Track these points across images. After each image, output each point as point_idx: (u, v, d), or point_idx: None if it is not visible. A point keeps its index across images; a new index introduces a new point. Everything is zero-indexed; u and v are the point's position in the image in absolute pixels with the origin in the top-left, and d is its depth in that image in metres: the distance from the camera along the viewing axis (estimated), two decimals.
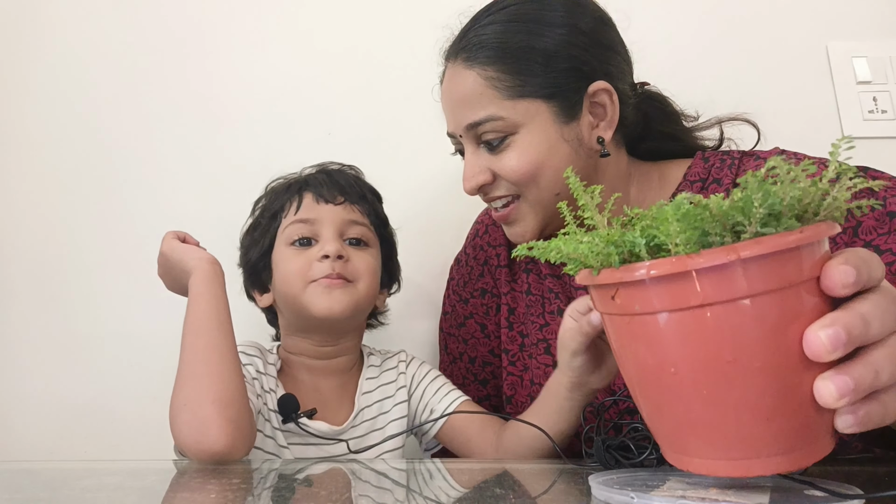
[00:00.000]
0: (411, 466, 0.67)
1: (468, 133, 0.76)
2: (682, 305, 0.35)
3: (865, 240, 0.65)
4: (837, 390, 0.33)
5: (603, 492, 0.42)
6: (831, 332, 0.33)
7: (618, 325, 0.39)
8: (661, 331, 0.36)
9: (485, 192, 0.78)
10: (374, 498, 0.51)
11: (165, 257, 0.78)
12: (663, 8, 1.24)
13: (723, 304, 0.34)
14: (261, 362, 0.80)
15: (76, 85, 1.19)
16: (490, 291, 0.94)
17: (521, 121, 0.73)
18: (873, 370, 0.34)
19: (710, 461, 0.37)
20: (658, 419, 0.40)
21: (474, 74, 0.74)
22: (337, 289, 0.80)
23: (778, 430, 0.35)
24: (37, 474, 0.66)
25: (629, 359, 0.40)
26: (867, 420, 0.35)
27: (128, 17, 1.21)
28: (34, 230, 1.14)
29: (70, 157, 1.16)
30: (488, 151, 0.75)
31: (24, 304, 1.12)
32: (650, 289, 0.36)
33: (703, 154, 0.81)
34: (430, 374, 0.90)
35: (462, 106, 0.75)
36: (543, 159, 0.73)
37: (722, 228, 0.35)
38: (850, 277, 0.34)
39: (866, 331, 0.34)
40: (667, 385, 0.37)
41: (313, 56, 1.21)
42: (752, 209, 0.34)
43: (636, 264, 0.36)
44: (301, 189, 0.87)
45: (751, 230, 0.34)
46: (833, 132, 1.19)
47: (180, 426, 0.62)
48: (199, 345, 0.67)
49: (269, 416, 0.78)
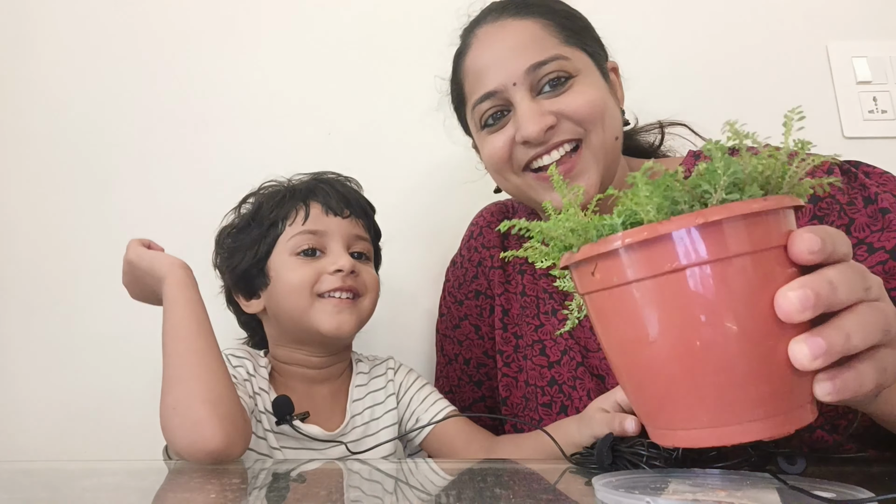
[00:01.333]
0: (410, 466, 0.67)
1: (527, 78, 0.73)
2: (655, 272, 0.36)
3: (859, 237, 0.65)
4: (811, 351, 0.35)
5: (610, 495, 0.42)
6: (800, 293, 0.35)
7: (599, 302, 0.41)
8: (638, 300, 0.38)
9: (544, 141, 0.74)
10: (373, 498, 0.51)
11: (133, 265, 0.76)
12: (664, 8, 1.24)
13: (695, 267, 0.36)
14: (251, 364, 0.80)
15: (74, 85, 1.19)
16: (484, 293, 0.94)
17: (580, 66, 0.74)
18: (844, 333, 0.35)
19: (693, 431, 0.38)
20: (641, 397, 0.41)
21: (531, 22, 0.75)
22: (346, 309, 0.81)
23: (756, 395, 0.36)
24: (37, 474, 0.66)
25: (612, 336, 0.41)
26: (844, 387, 0.36)
27: (126, 18, 1.21)
28: (32, 231, 1.14)
29: (68, 157, 1.16)
30: (549, 96, 0.74)
31: (24, 304, 1.12)
32: (625, 258, 0.37)
33: (694, 152, 0.83)
34: (417, 383, 0.90)
35: (522, 50, 0.74)
36: (606, 100, 0.75)
37: (690, 198, 0.37)
38: (815, 244, 0.36)
39: (833, 294, 0.35)
40: (647, 357, 0.38)
41: (313, 56, 1.21)
42: (717, 178, 0.37)
43: (612, 235, 0.38)
44: (307, 198, 0.85)
45: (717, 198, 0.37)
46: (833, 132, 1.20)
47: (173, 430, 0.62)
48: (181, 349, 0.67)
49: (260, 418, 0.78)
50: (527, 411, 0.86)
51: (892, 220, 0.65)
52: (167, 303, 0.71)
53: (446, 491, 0.54)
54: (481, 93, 0.76)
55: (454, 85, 0.85)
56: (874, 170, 0.70)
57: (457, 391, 0.98)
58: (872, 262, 0.64)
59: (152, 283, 0.74)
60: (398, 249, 0.97)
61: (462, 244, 1.00)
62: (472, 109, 0.79)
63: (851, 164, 0.71)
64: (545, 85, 0.74)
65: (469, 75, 0.79)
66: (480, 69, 0.77)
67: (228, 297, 0.90)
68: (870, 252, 0.64)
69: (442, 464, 0.71)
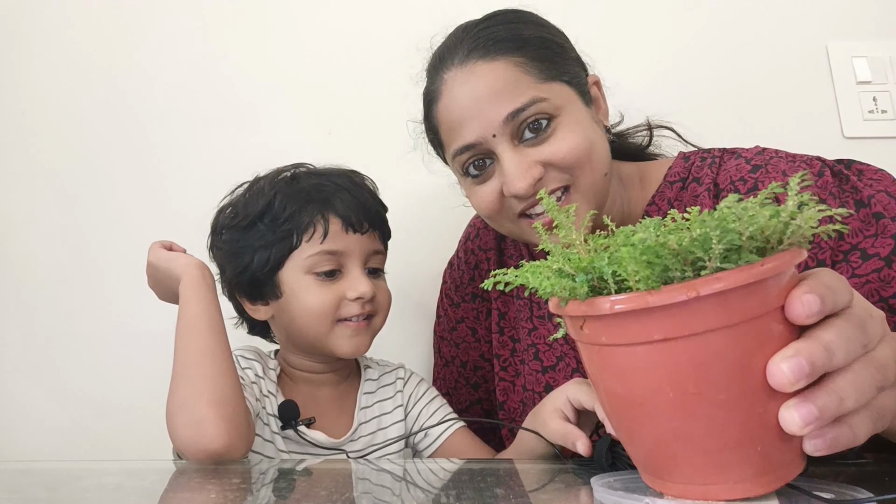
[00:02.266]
0: (411, 466, 0.67)
1: (506, 127, 0.69)
2: (645, 339, 0.35)
3: (852, 243, 0.64)
4: (802, 419, 0.34)
5: (608, 495, 0.42)
6: (794, 364, 0.33)
7: (588, 353, 0.40)
8: (626, 363, 0.37)
9: (534, 194, 0.70)
10: (375, 498, 0.51)
11: (154, 267, 0.77)
12: (664, 8, 1.24)
13: (684, 338, 0.34)
14: (260, 367, 0.80)
15: (73, 85, 1.19)
16: (481, 296, 0.94)
17: (561, 103, 0.69)
18: (837, 398, 0.34)
19: (681, 486, 0.38)
20: (631, 444, 0.41)
21: (502, 64, 0.69)
22: (362, 331, 0.81)
23: (745, 457, 0.36)
24: (37, 474, 0.66)
25: (601, 387, 0.41)
26: (835, 444, 0.35)
27: (126, 18, 1.21)
28: (32, 231, 1.14)
29: (68, 157, 1.17)
30: (531, 144, 0.69)
31: (25, 304, 1.12)
32: (614, 322, 0.36)
33: (684, 154, 0.81)
34: (428, 395, 0.90)
35: (497, 98, 0.68)
36: (591, 136, 0.70)
37: (682, 264, 0.35)
38: (814, 307, 0.34)
39: (829, 360, 0.34)
40: (635, 414, 0.38)
41: (313, 56, 1.21)
42: (710, 245, 0.34)
43: (600, 298, 0.36)
44: (325, 210, 0.79)
45: (711, 266, 0.34)
46: (833, 132, 1.19)
47: (177, 428, 0.63)
48: (191, 347, 0.67)
49: (267, 420, 0.78)
50: (523, 416, 0.85)
51: (886, 224, 0.63)
52: (181, 301, 0.71)
53: (446, 491, 0.54)
54: (459, 145, 0.72)
55: (429, 128, 0.80)
56: (867, 168, 0.68)
57: (454, 393, 0.97)
58: (867, 269, 0.62)
59: (171, 284, 0.75)
60: (397, 250, 0.97)
61: (459, 246, 1.00)
62: (452, 159, 0.75)
63: (843, 165, 0.69)
64: (525, 130, 0.69)
65: (443, 125, 0.74)
66: (455, 121, 0.71)
67: (232, 297, 0.86)
68: (864, 259, 0.63)
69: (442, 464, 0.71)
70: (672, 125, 0.89)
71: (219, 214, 0.86)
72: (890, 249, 0.63)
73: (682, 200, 0.76)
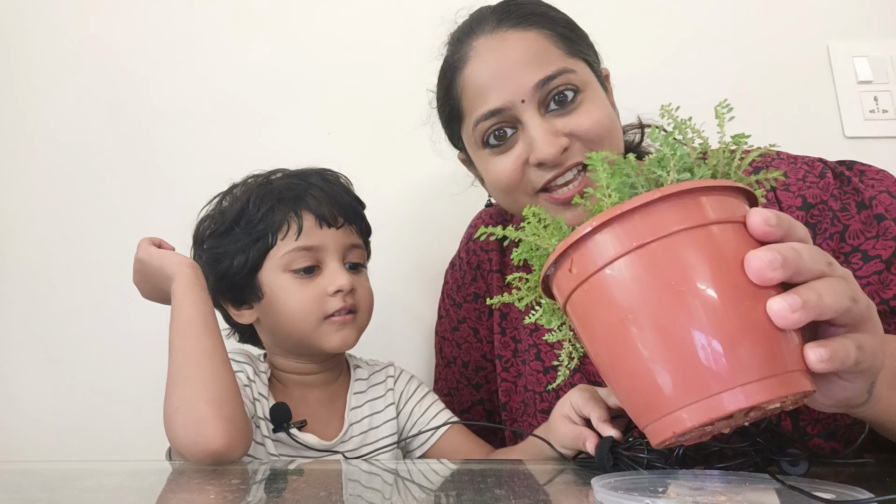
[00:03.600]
0: (411, 467, 0.67)
1: (536, 94, 0.69)
2: (625, 249, 0.38)
3: (853, 244, 0.64)
4: (788, 304, 0.36)
5: (609, 496, 0.41)
6: (769, 254, 0.36)
7: (579, 304, 0.42)
8: (614, 281, 0.39)
9: (560, 163, 0.70)
10: (374, 498, 0.51)
11: (143, 264, 0.76)
12: (665, 7, 1.24)
13: (661, 239, 0.38)
14: (251, 369, 0.80)
15: (73, 86, 1.19)
16: (483, 296, 0.94)
17: (586, 79, 0.72)
18: (816, 292, 0.37)
19: (687, 409, 0.37)
20: (632, 394, 0.41)
21: (534, 34, 0.71)
22: (347, 325, 0.80)
23: (744, 356, 0.36)
24: (37, 474, 0.66)
25: (596, 332, 0.41)
26: (833, 355, 0.36)
27: (125, 18, 1.21)
28: (33, 231, 1.14)
29: (70, 156, 1.17)
30: (557, 115, 0.70)
31: (24, 304, 1.12)
32: (597, 243, 0.39)
33: None
34: (419, 392, 0.89)
35: (528, 64, 0.69)
36: (611, 115, 0.73)
37: (646, 181, 0.41)
38: (771, 218, 0.38)
39: (799, 258, 0.37)
40: (630, 339, 0.38)
41: (313, 56, 1.21)
42: (668, 162, 0.41)
43: (581, 226, 0.40)
44: (297, 207, 0.80)
45: (670, 179, 0.40)
46: (834, 132, 1.19)
47: (176, 429, 0.62)
48: (187, 348, 0.67)
49: (259, 423, 0.78)
50: (525, 417, 0.85)
51: (887, 226, 0.63)
52: (175, 301, 0.71)
53: (446, 491, 0.54)
54: (485, 110, 0.71)
55: (447, 100, 0.79)
56: (869, 168, 0.68)
57: (455, 394, 0.97)
58: (868, 271, 0.62)
59: (161, 282, 0.74)
60: (396, 250, 0.97)
61: (461, 246, 1.00)
62: (474, 127, 0.74)
63: (844, 167, 0.69)
64: (552, 100, 0.70)
65: (468, 90, 0.74)
66: (482, 85, 0.71)
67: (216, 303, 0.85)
68: (865, 260, 0.63)
69: (442, 464, 0.71)
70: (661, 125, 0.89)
71: (199, 225, 0.86)
72: (891, 252, 0.62)
73: None
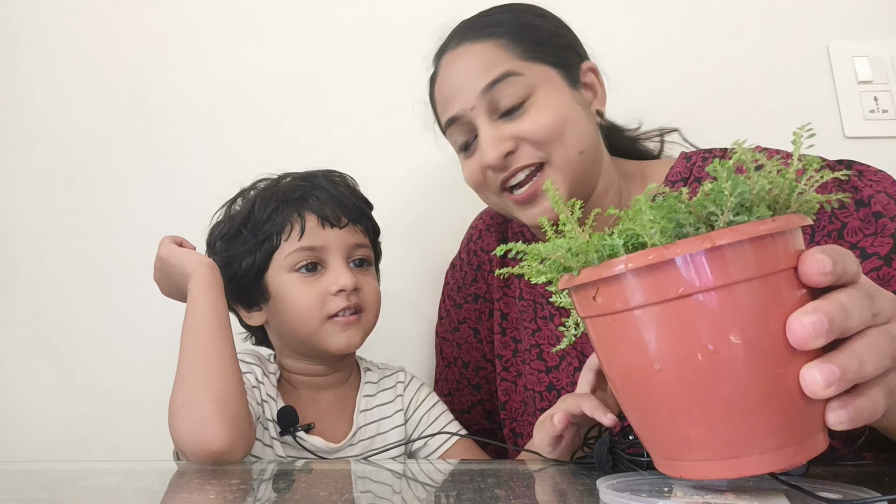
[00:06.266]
0: (411, 467, 0.67)
1: (483, 100, 0.73)
2: (661, 298, 0.35)
3: (851, 241, 0.64)
4: (823, 378, 0.33)
5: (616, 497, 0.41)
6: (814, 319, 0.33)
7: (601, 327, 0.39)
8: (642, 326, 0.36)
9: (506, 165, 0.74)
10: (374, 498, 0.51)
11: (163, 261, 0.78)
12: (664, 7, 1.24)
13: (702, 293, 0.34)
14: (260, 371, 0.80)
15: (73, 86, 1.19)
16: (483, 297, 0.94)
17: (537, 82, 0.73)
18: (857, 359, 0.34)
19: (702, 463, 0.36)
20: (647, 426, 0.40)
21: (486, 44, 0.75)
22: (352, 325, 0.80)
23: (767, 424, 0.35)
24: (37, 474, 0.66)
25: (614, 362, 0.39)
26: (857, 415, 0.35)
27: (124, 19, 1.21)
28: (33, 231, 1.14)
29: (69, 156, 1.16)
30: (507, 119, 0.73)
31: (24, 304, 1.12)
32: (629, 283, 0.36)
33: (685, 153, 0.81)
34: (428, 401, 0.89)
35: (476, 72, 0.74)
36: (566, 114, 0.73)
37: (696, 220, 0.35)
38: (826, 266, 0.34)
39: (846, 319, 0.34)
40: (652, 385, 0.37)
41: (313, 56, 1.21)
42: (723, 199, 0.35)
43: (614, 259, 0.36)
44: (301, 208, 0.81)
45: (723, 219, 0.35)
46: (834, 132, 1.19)
47: (179, 426, 0.63)
48: (197, 346, 0.67)
49: (267, 426, 0.78)
50: (525, 416, 0.85)
51: (885, 224, 0.63)
52: (190, 299, 0.71)
53: (446, 491, 0.54)
54: (446, 118, 0.78)
55: (433, 109, 0.85)
56: (867, 168, 0.69)
57: (455, 394, 0.97)
58: (866, 268, 0.63)
59: (179, 280, 0.75)
60: (396, 251, 0.97)
61: (461, 247, 1.00)
62: (445, 135, 0.82)
63: (844, 166, 0.69)
64: (501, 105, 0.73)
65: (438, 102, 0.81)
66: (445, 96, 0.78)
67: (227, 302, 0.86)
68: (863, 257, 0.63)
69: (442, 464, 0.71)
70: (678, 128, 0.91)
71: (212, 230, 0.88)
72: (889, 248, 0.63)
73: None
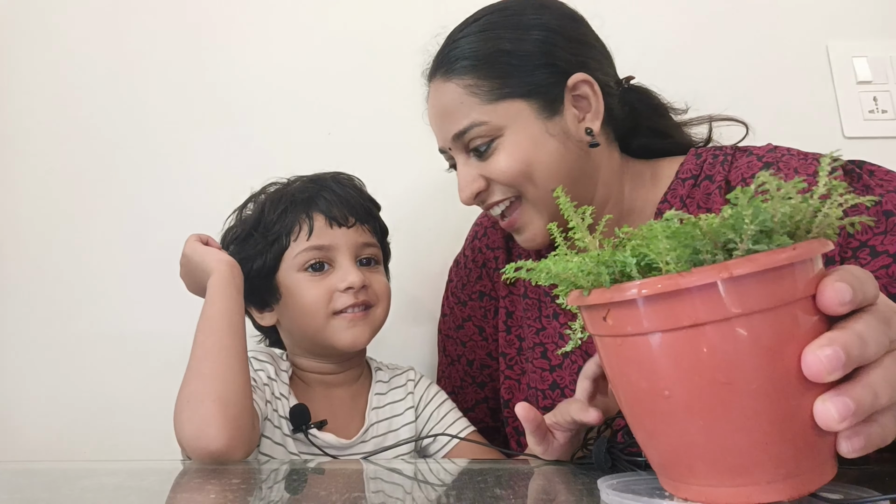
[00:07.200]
0: (412, 466, 0.67)
1: (456, 144, 0.76)
2: (674, 326, 0.34)
3: (861, 240, 0.64)
4: (838, 413, 0.33)
5: (617, 498, 0.41)
6: (830, 353, 0.32)
7: (609, 347, 0.38)
8: (653, 352, 0.35)
9: (482, 200, 0.78)
10: (375, 497, 0.51)
11: (187, 258, 0.79)
12: (664, 7, 1.24)
13: (716, 323, 0.33)
14: (272, 369, 0.81)
15: (75, 84, 1.19)
16: (488, 294, 0.94)
17: (504, 123, 0.73)
18: (872, 392, 0.33)
19: (708, 489, 0.36)
20: (653, 446, 0.39)
21: (453, 86, 0.75)
22: (359, 321, 0.81)
23: (777, 455, 0.34)
24: (37, 474, 0.66)
25: (622, 383, 0.39)
26: (869, 444, 0.34)
27: (127, 18, 1.21)
28: (34, 230, 1.14)
29: (70, 156, 1.17)
30: (477, 159, 0.75)
31: (24, 303, 1.12)
32: (641, 309, 0.35)
33: (696, 150, 0.80)
34: (438, 398, 0.90)
35: (446, 118, 0.76)
36: (531, 156, 0.73)
37: (713, 246, 0.34)
38: (846, 295, 0.33)
39: (864, 351, 0.33)
40: (661, 410, 0.36)
41: (313, 56, 1.21)
42: (742, 226, 0.33)
43: (627, 284, 0.35)
44: (309, 209, 0.83)
45: (742, 247, 0.33)
46: (833, 132, 1.19)
47: (182, 422, 0.63)
48: (208, 344, 0.68)
49: (279, 423, 0.78)
50: None
51: (895, 223, 0.63)
52: (207, 296, 0.73)
53: (446, 491, 0.54)
54: (438, 146, 0.82)
55: None
56: (878, 168, 0.69)
57: (459, 392, 0.97)
58: (875, 265, 0.63)
59: (201, 277, 0.76)
60: (399, 249, 0.97)
61: (466, 244, 1.00)
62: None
63: (855, 164, 0.69)
64: (471, 146, 0.75)
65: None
66: (431, 126, 0.82)
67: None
68: (873, 255, 0.63)
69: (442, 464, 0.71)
70: (740, 118, 0.86)
71: (225, 234, 0.89)
72: None
73: (694, 198, 0.76)
